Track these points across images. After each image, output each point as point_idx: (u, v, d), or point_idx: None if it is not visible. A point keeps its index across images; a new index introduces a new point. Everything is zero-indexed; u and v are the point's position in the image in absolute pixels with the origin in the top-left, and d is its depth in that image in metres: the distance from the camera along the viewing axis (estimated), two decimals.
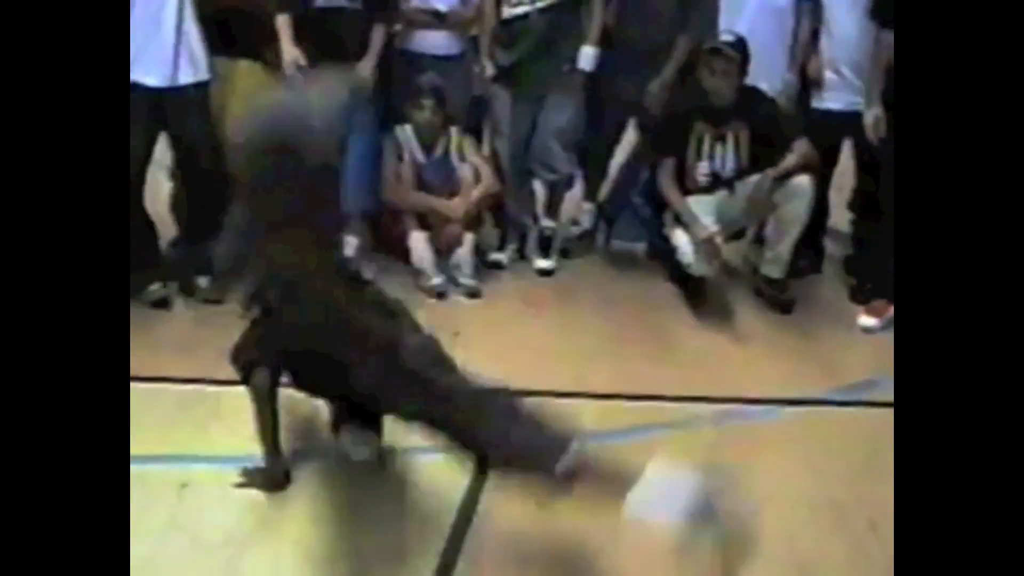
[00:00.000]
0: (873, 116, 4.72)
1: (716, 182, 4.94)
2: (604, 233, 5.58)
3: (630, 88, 5.03)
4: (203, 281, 4.63)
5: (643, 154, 5.31)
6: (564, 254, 5.44)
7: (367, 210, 5.10)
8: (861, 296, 5.01)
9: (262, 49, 4.76)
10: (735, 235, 5.15)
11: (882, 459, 3.37)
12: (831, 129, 4.99)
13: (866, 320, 4.84)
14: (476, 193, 5.08)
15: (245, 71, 4.69)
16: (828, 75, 4.98)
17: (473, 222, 5.15)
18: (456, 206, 5.05)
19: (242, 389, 3.15)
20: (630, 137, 5.43)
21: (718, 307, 4.88)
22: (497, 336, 4.45)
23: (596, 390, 3.96)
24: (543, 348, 4.38)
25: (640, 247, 5.47)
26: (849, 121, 4.91)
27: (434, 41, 5.07)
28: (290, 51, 4.71)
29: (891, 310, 4.82)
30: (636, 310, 4.83)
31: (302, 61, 4.68)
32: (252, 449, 3.27)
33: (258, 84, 4.66)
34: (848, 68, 4.93)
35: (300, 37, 4.74)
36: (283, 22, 4.73)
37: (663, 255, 5.16)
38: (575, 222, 5.62)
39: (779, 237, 4.89)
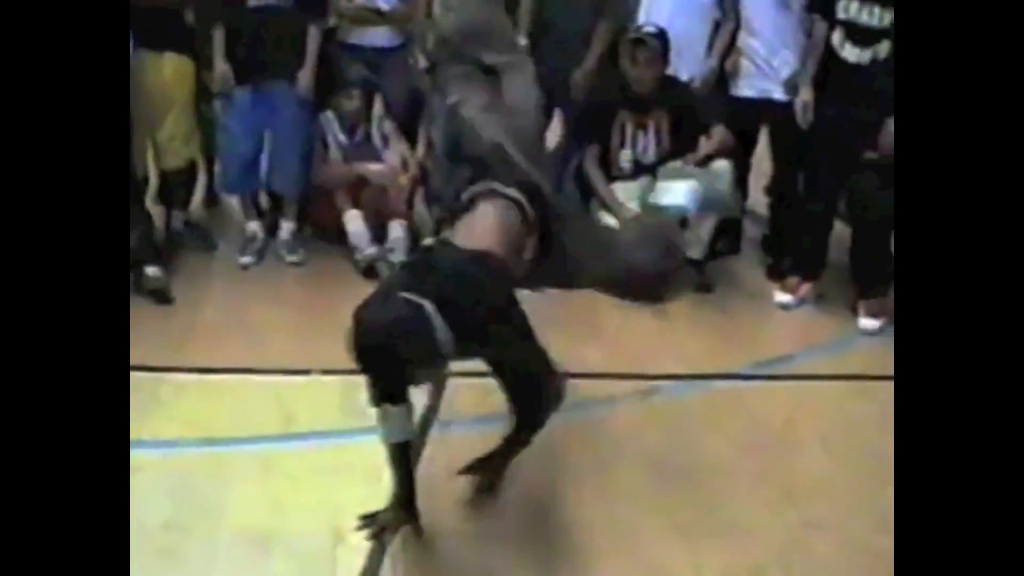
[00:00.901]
0: (803, 102, 4.90)
1: (638, 169, 5.10)
2: None
3: (555, 77, 5.14)
4: (151, 270, 4.69)
5: (569, 141, 5.43)
6: None
7: (298, 193, 5.24)
8: (776, 275, 5.22)
9: (188, 43, 4.92)
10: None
11: (798, 430, 3.59)
12: (748, 115, 5.18)
13: (782, 297, 5.04)
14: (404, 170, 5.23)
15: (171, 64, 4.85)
16: (745, 64, 5.16)
17: (405, 204, 5.26)
18: (385, 171, 5.18)
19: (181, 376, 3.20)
20: (557, 125, 5.55)
21: None
22: None
23: None
24: None
25: None
26: (765, 108, 5.10)
27: (373, 35, 5.20)
28: (220, 67, 4.90)
29: (804, 287, 5.04)
30: (564, 291, 4.92)
31: (230, 78, 4.90)
32: (188, 434, 3.35)
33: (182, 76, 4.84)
34: (765, 56, 5.12)
35: (234, 40, 4.91)
36: (218, 36, 4.90)
37: None
38: None
39: (700, 220, 5.04)
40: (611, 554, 3.04)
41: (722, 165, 4.92)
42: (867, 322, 4.88)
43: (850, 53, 4.78)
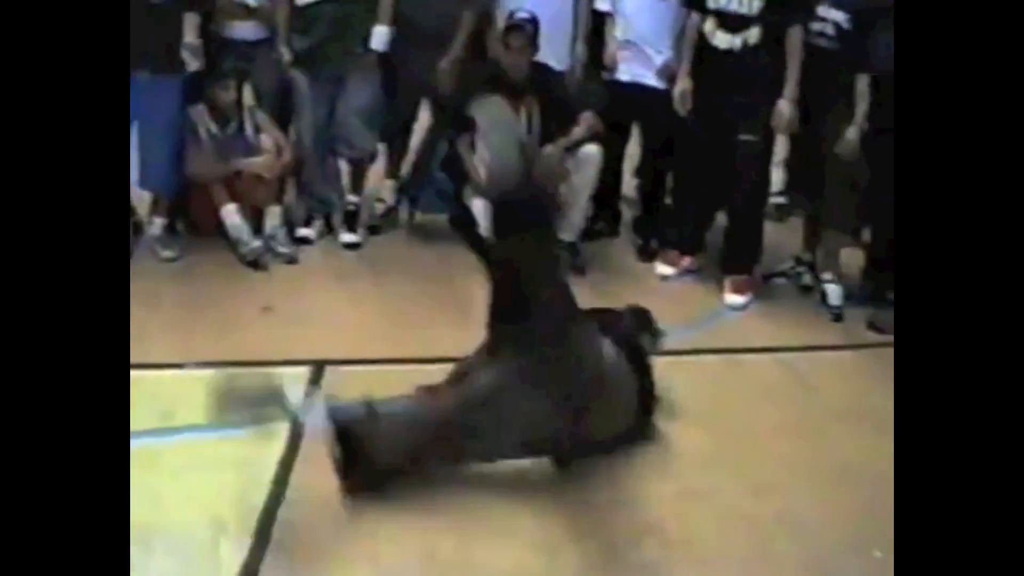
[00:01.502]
0: (680, 90, 5.06)
1: None
2: (407, 207, 5.73)
3: (421, 67, 5.20)
4: None
5: (439, 130, 5.48)
6: (373, 231, 5.57)
7: (171, 189, 5.18)
8: (645, 254, 5.41)
9: None
10: None
11: (673, 402, 3.69)
12: (621, 101, 5.29)
13: (663, 269, 5.20)
14: (279, 159, 5.22)
15: None
16: (618, 51, 5.27)
17: (278, 193, 5.27)
18: (264, 163, 5.15)
19: None
20: (426, 114, 5.60)
21: None
22: (307, 308, 4.57)
23: (403, 356, 4.12)
24: (352, 317, 4.52)
25: (442, 219, 5.63)
26: (637, 92, 5.24)
27: (244, 29, 5.18)
28: None
29: (686, 260, 5.28)
30: (439, 278, 5.00)
31: None
32: None
33: None
34: (639, 43, 5.27)
35: None
36: None
37: (464, 225, 5.37)
38: (379, 199, 5.77)
39: (571, 203, 5.15)
40: (492, 529, 3.11)
41: (591, 150, 5.03)
42: (732, 298, 5.08)
43: (721, 40, 4.96)
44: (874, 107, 4.80)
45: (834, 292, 5.12)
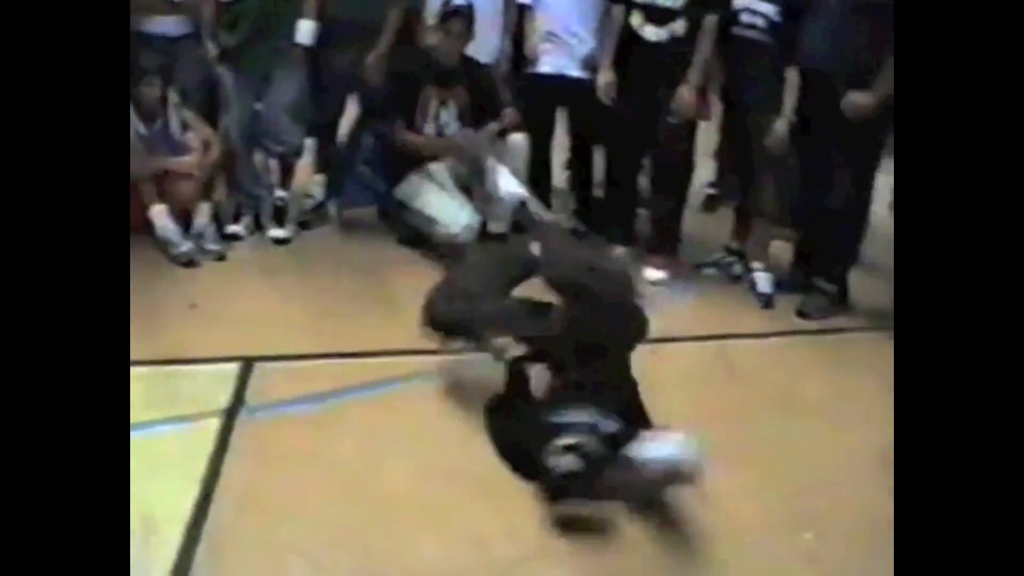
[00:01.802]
0: (605, 80, 5.12)
1: None
2: (336, 202, 5.71)
3: (348, 60, 5.17)
4: None
5: (365, 124, 5.47)
6: (303, 226, 5.54)
7: None
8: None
9: None
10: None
11: None
12: (545, 93, 5.32)
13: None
14: (208, 155, 5.16)
15: None
16: (541, 44, 5.28)
17: (207, 189, 5.20)
18: (190, 162, 5.08)
19: None
20: (352, 108, 5.57)
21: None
22: (236, 304, 4.53)
23: (333, 350, 4.11)
24: (281, 313, 4.48)
25: (370, 212, 5.63)
26: (560, 84, 5.27)
27: (165, 24, 5.10)
28: None
29: (617, 250, 5.28)
30: (368, 272, 5.00)
31: None
32: None
33: None
34: (562, 36, 5.29)
35: None
36: None
37: (393, 218, 5.38)
38: (308, 194, 5.74)
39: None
40: (424, 524, 3.09)
41: (517, 138, 5.06)
42: (651, 273, 5.23)
43: (650, 33, 5.01)
44: (803, 99, 4.85)
45: (763, 279, 5.18)
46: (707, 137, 5.60)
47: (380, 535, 3.02)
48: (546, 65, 5.35)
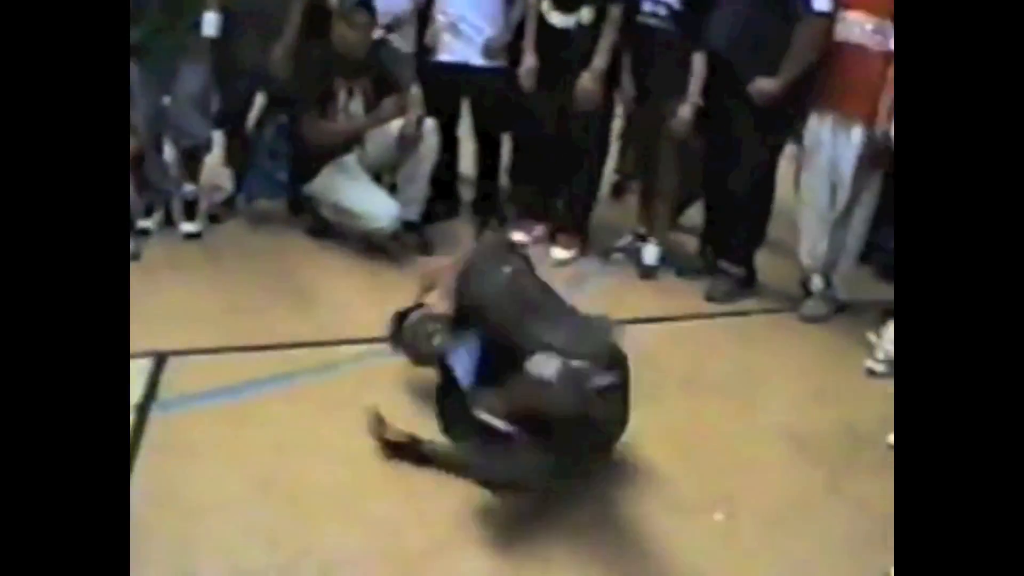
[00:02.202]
0: (527, 66, 5.20)
1: None
2: (246, 195, 5.67)
3: (255, 52, 5.14)
4: None
5: (274, 115, 5.45)
6: (213, 220, 5.50)
7: None
8: (482, 233, 5.51)
9: None
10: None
11: None
12: (448, 82, 5.36)
13: (516, 236, 5.31)
14: None
15: None
16: (443, 32, 5.31)
17: None
18: None
19: None
20: (260, 100, 5.55)
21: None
22: (148, 299, 4.47)
23: (244, 343, 4.10)
24: (193, 308, 4.45)
25: (280, 205, 5.62)
26: (463, 73, 5.31)
27: None
28: None
29: (537, 229, 5.42)
30: (279, 264, 4.99)
31: None
32: None
33: None
34: (461, 24, 5.30)
35: None
36: None
37: (306, 213, 5.37)
38: (217, 187, 5.70)
39: (411, 179, 5.21)
40: (336, 515, 3.12)
41: (427, 123, 5.10)
42: (558, 252, 5.36)
43: (557, 19, 5.10)
44: (708, 84, 4.96)
45: (649, 252, 5.32)
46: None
47: (293, 527, 3.04)
48: (448, 54, 5.37)
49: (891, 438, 3.79)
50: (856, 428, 3.98)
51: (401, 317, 3.76)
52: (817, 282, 4.99)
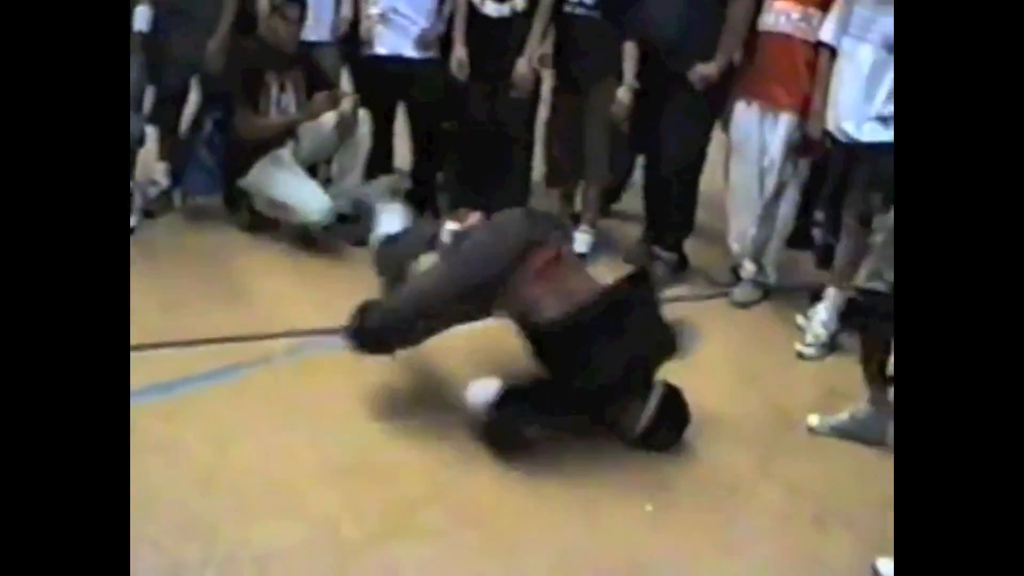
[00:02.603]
0: (458, 57, 5.26)
1: None
2: (180, 190, 5.63)
3: (188, 46, 5.12)
4: None
5: (207, 110, 5.43)
6: (148, 215, 5.46)
7: None
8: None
9: None
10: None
11: (441, 369, 3.78)
12: (383, 75, 5.38)
13: (450, 226, 5.34)
14: None
15: None
16: (376, 26, 5.31)
17: None
18: None
19: None
20: (195, 95, 5.52)
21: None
22: None
23: (179, 339, 4.08)
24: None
25: (215, 199, 5.58)
26: (397, 65, 5.34)
27: None
28: None
29: (473, 216, 5.36)
30: (214, 259, 4.97)
31: None
32: None
33: None
34: (393, 16, 5.31)
35: None
36: None
37: (241, 206, 5.36)
38: (153, 182, 5.66)
39: (346, 170, 5.26)
40: (273, 508, 3.14)
41: (360, 113, 5.12)
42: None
43: (491, 9, 5.15)
44: (639, 71, 5.06)
45: (580, 240, 5.36)
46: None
47: (229, 522, 3.05)
48: (382, 47, 5.38)
49: (813, 419, 3.90)
50: (786, 411, 4.06)
51: None
52: (748, 267, 5.07)
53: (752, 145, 4.83)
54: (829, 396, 4.16)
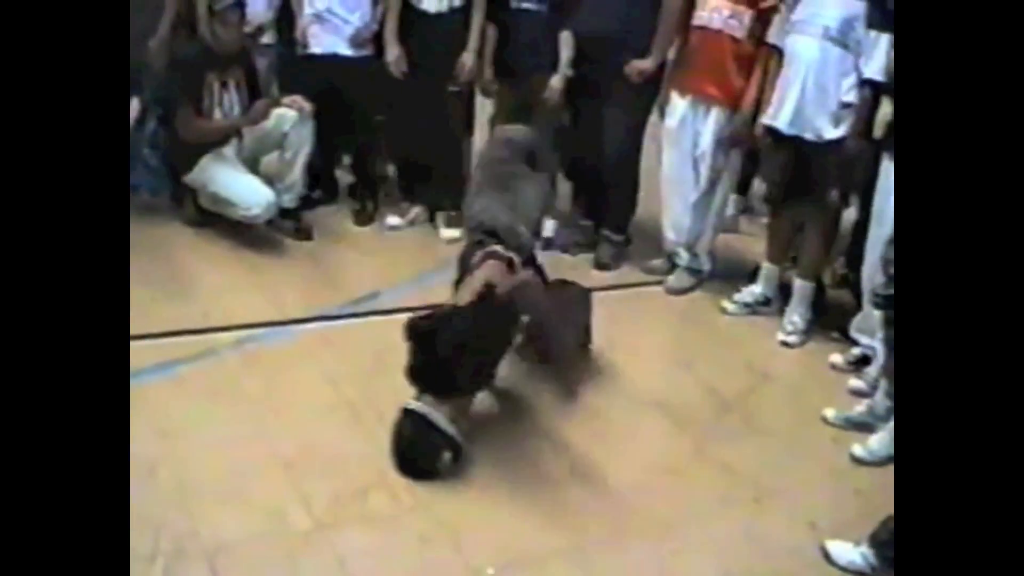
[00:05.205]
0: (393, 55, 5.29)
1: None
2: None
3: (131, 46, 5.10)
4: None
5: (149, 108, 5.41)
6: None
7: None
8: (360, 219, 5.64)
9: None
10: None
11: (385, 360, 3.82)
12: (320, 74, 5.42)
13: (392, 220, 5.48)
14: None
15: None
16: (311, 25, 5.35)
17: None
18: None
19: None
20: (136, 103, 5.49)
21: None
22: None
23: None
24: None
25: (161, 198, 5.54)
26: (333, 63, 5.39)
27: None
28: None
29: (414, 211, 5.61)
30: (159, 255, 4.95)
31: None
32: None
33: None
34: (327, 14, 5.34)
35: None
36: None
37: (185, 203, 5.37)
38: None
39: (288, 167, 5.27)
40: (220, 500, 3.18)
41: (281, 111, 5.18)
42: (447, 232, 5.47)
43: (429, 4, 5.23)
44: (579, 63, 5.17)
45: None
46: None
47: (177, 513, 3.08)
48: (318, 46, 5.40)
49: (828, 412, 4.03)
50: (720, 394, 4.18)
51: None
52: (682, 255, 5.19)
53: (685, 134, 4.96)
54: (763, 381, 4.32)
